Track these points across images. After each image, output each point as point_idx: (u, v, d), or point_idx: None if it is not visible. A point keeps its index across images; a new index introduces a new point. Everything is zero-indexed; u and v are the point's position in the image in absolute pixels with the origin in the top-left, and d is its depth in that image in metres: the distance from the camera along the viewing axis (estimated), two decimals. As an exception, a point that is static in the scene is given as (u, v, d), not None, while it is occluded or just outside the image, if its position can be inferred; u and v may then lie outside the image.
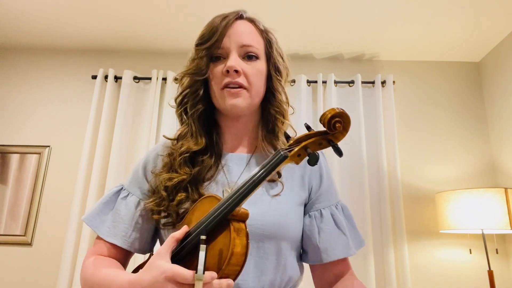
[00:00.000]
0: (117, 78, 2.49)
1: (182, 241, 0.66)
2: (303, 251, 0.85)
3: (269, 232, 0.74)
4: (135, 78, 2.49)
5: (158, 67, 2.50)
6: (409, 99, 2.55)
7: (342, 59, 2.65)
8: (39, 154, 2.41)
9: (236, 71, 0.78)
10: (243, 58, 0.81)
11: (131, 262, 0.91)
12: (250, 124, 0.87)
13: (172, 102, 0.89)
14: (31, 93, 2.55)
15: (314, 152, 0.63)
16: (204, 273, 0.55)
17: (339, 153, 0.62)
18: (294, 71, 2.50)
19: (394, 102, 2.45)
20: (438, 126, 2.49)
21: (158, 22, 2.29)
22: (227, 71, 0.78)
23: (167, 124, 2.37)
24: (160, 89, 2.45)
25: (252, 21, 0.86)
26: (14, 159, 2.40)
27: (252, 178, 0.64)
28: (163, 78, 2.48)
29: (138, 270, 0.77)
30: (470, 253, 2.15)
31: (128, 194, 0.83)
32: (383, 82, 2.50)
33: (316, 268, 0.86)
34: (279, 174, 0.82)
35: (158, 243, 0.88)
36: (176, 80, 2.44)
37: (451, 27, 2.27)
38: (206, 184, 0.80)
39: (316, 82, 2.49)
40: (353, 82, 2.50)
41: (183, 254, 0.66)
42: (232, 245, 0.60)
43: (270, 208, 0.76)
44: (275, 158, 0.64)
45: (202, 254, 0.56)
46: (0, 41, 2.55)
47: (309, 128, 0.67)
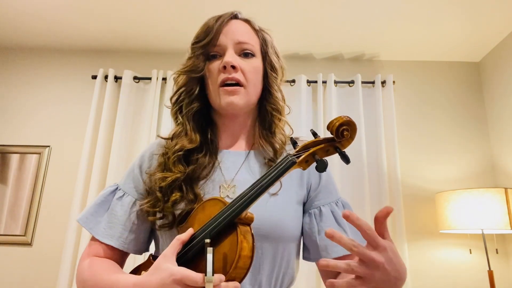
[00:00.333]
0: (117, 78, 2.49)
1: (187, 243, 0.66)
2: (305, 249, 0.85)
3: (266, 232, 0.74)
4: (135, 78, 2.49)
5: (158, 67, 2.50)
6: (409, 99, 2.55)
7: (342, 59, 2.65)
8: (39, 154, 2.41)
9: (233, 67, 0.78)
10: (239, 56, 0.81)
11: (131, 262, 0.91)
12: (247, 122, 0.87)
13: (169, 104, 0.89)
14: (31, 93, 2.55)
15: (322, 159, 0.63)
16: (213, 275, 0.55)
17: (346, 160, 0.62)
18: (294, 71, 2.53)
19: (394, 102, 2.45)
20: (438, 126, 2.49)
21: (158, 22, 2.29)
22: (224, 67, 0.78)
23: (167, 124, 2.37)
24: (160, 89, 2.45)
25: (247, 21, 0.86)
26: (14, 159, 2.40)
27: (259, 182, 0.64)
28: (163, 78, 2.48)
29: (137, 271, 0.77)
30: (470, 253, 2.15)
31: (123, 195, 0.82)
32: (383, 82, 2.50)
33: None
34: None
35: (153, 243, 0.87)
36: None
37: (451, 27, 2.27)
38: (201, 182, 0.79)
39: (316, 82, 2.49)
40: (353, 82, 2.50)
41: (189, 256, 0.65)
42: (239, 248, 0.60)
43: (268, 208, 0.76)
44: (284, 164, 0.64)
45: (209, 257, 0.57)
46: (0, 41, 2.55)
47: (315, 134, 0.67)
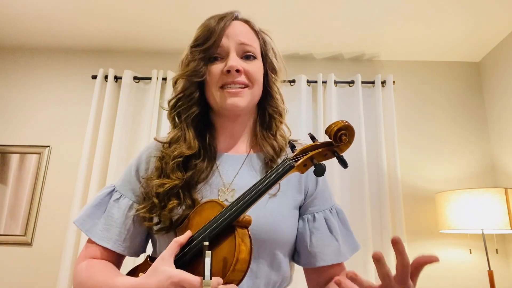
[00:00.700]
0: (117, 78, 2.49)
1: (185, 246, 0.66)
2: (296, 252, 0.84)
3: (263, 236, 0.74)
4: (135, 78, 2.49)
5: (158, 67, 2.50)
6: (409, 99, 2.55)
7: (342, 59, 2.65)
8: (39, 154, 2.41)
9: (237, 71, 0.78)
10: (242, 58, 0.81)
11: (131, 263, 0.91)
12: (247, 123, 0.87)
13: (165, 105, 0.88)
14: (31, 93, 2.55)
15: (320, 163, 0.63)
16: (211, 278, 0.55)
17: (344, 164, 0.62)
18: (294, 71, 2.53)
19: (394, 102, 2.45)
20: (438, 126, 2.49)
21: (158, 22, 2.29)
22: (228, 71, 0.77)
23: (167, 124, 2.35)
24: (160, 89, 2.45)
25: (247, 21, 0.85)
26: (14, 159, 2.40)
27: (257, 186, 0.64)
28: (163, 78, 2.47)
29: (135, 273, 0.77)
30: (470, 253, 2.15)
31: (120, 197, 0.81)
32: (383, 82, 2.50)
33: (308, 271, 0.86)
34: None
35: (150, 244, 0.87)
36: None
37: (451, 27, 2.27)
38: (200, 186, 0.78)
39: (316, 82, 2.49)
40: (353, 82, 2.50)
41: (187, 259, 0.65)
42: (237, 251, 0.60)
43: (265, 212, 0.76)
44: (282, 168, 0.64)
45: (208, 260, 0.57)
46: (0, 41, 2.55)
47: (313, 138, 0.67)
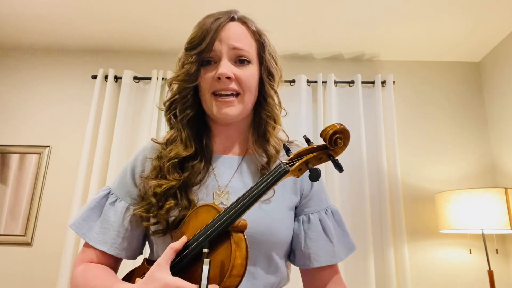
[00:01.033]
0: (117, 78, 2.49)
1: (180, 251, 0.66)
2: (292, 253, 0.84)
3: (260, 238, 0.73)
4: (135, 78, 2.49)
5: (158, 67, 2.50)
6: (409, 99, 2.55)
7: (342, 59, 2.65)
8: (39, 154, 2.41)
9: (228, 78, 0.76)
10: (235, 62, 0.79)
11: (132, 264, 0.91)
12: (241, 127, 0.86)
13: (161, 106, 0.88)
14: (31, 93, 2.55)
15: (315, 167, 0.63)
16: (207, 287, 0.55)
17: (340, 168, 0.62)
18: (294, 71, 2.53)
19: (394, 102, 2.45)
20: (438, 126, 2.49)
21: (158, 22, 2.29)
22: (219, 78, 0.76)
23: (167, 127, 2.36)
24: (160, 89, 2.45)
25: (244, 22, 0.83)
26: (14, 159, 2.40)
27: (253, 191, 0.64)
28: (163, 78, 2.47)
29: (132, 276, 0.76)
30: (470, 253, 2.15)
31: (116, 199, 0.81)
32: (383, 82, 2.50)
33: (303, 273, 0.86)
34: None
35: (147, 246, 0.87)
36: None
37: (451, 27, 2.27)
38: (195, 188, 0.78)
39: (316, 82, 2.49)
40: (353, 82, 2.50)
41: (183, 265, 0.65)
42: (233, 257, 0.60)
43: (261, 214, 0.75)
44: (277, 173, 0.63)
45: (205, 268, 0.57)
46: (0, 41, 2.55)
47: (308, 141, 0.67)
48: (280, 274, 0.78)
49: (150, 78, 2.47)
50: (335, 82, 2.49)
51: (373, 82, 2.51)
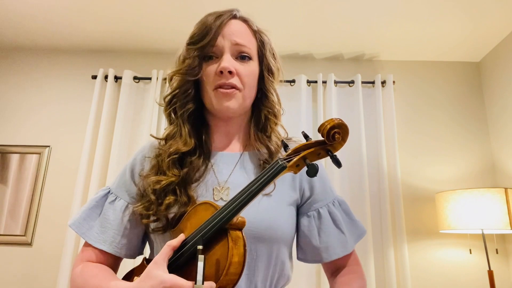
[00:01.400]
0: (117, 78, 2.49)
1: (178, 249, 0.66)
2: (302, 251, 0.85)
3: (260, 233, 0.74)
4: (135, 78, 2.49)
5: (158, 67, 2.50)
6: (409, 99, 2.55)
7: (342, 59, 2.65)
8: (39, 154, 2.41)
9: (230, 72, 0.77)
10: (236, 58, 0.80)
11: (131, 264, 0.91)
12: (241, 123, 0.87)
13: (161, 101, 0.88)
14: (31, 93, 2.55)
15: (313, 163, 0.62)
16: (203, 283, 0.55)
17: (338, 164, 0.61)
18: (294, 71, 2.53)
19: (394, 102, 2.45)
20: (438, 126, 2.49)
21: (158, 22, 2.29)
22: (221, 72, 0.77)
23: (167, 124, 2.36)
24: (160, 89, 2.45)
25: (245, 21, 0.84)
26: (14, 159, 2.40)
27: (250, 187, 0.64)
28: (163, 78, 2.47)
29: (131, 275, 0.76)
30: (470, 253, 2.15)
31: (115, 198, 0.81)
32: (383, 82, 2.50)
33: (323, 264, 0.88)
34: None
35: (147, 246, 0.87)
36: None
37: (451, 27, 2.27)
38: (194, 185, 0.78)
39: (316, 82, 2.49)
40: (353, 82, 2.50)
41: (180, 263, 0.65)
42: (230, 255, 0.60)
43: (262, 210, 0.76)
44: (274, 168, 0.63)
45: (200, 265, 0.56)
46: (0, 41, 2.55)
47: (306, 137, 0.66)
48: (279, 271, 0.78)
49: (150, 78, 2.47)
50: (335, 82, 2.49)
51: (373, 82, 2.51)
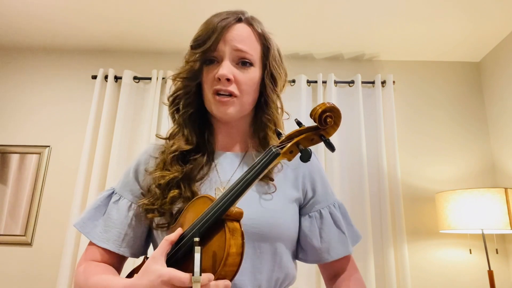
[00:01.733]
0: (117, 78, 2.49)
1: (176, 243, 0.66)
2: (302, 251, 0.85)
3: (264, 231, 0.74)
4: (135, 78, 2.49)
5: (158, 67, 2.50)
6: (409, 99, 2.55)
7: (342, 59, 2.65)
8: (39, 154, 2.41)
9: (227, 80, 0.77)
10: (237, 64, 0.79)
11: (131, 264, 0.91)
12: (242, 126, 0.87)
13: (166, 100, 0.89)
14: (31, 93, 2.55)
15: (306, 148, 0.62)
16: (200, 275, 0.55)
17: (331, 148, 0.61)
18: (294, 71, 2.53)
19: (394, 102, 2.45)
20: (438, 126, 2.49)
21: (158, 22, 2.29)
22: (219, 79, 0.77)
23: (167, 124, 2.36)
24: (160, 89, 2.45)
25: (250, 24, 0.83)
26: (14, 159, 2.40)
27: (245, 176, 0.64)
28: (163, 78, 2.47)
29: (132, 275, 0.77)
30: (470, 253, 2.15)
31: (119, 198, 0.82)
32: (383, 82, 2.50)
33: (321, 265, 0.88)
34: (271, 178, 0.81)
35: (151, 246, 0.87)
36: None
37: (451, 27, 2.27)
38: (198, 183, 0.79)
39: (316, 82, 2.49)
40: (353, 82, 2.50)
41: (179, 256, 0.65)
42: (227, 245, 0.59)
43: (265, 207, 0.76)
44: (267, 156, 0.63)
45: (197, 256, 0.56)
46: (0, 41, 2.55)
47: (299, 124, 0.66)
48: (285, 270, 0.78)
49: (150, 78, 2.47)
50: (335, 82, 2.49)
51: (373, 82, 2.51)
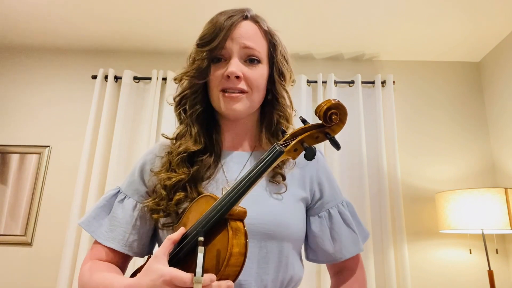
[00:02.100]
0: (117, 78, 2.49)
1: (179, 242, 0.65)
2: (312, 252, 0.85)
3: (271, 231, 0.74)
4: (135, 78, 2.49)
5: (158, 67, 2.50)
6: (409, 99, 2.55)
7: (342, 59, 2.65)
8: (39, 154, 2.41)
9: (237, 77, 0.77)
10: (245, 61, 0.79)
11: (131, 265, 0.91)
12: (249, 124, 0.87)
13: (170, 100, 0.88)
14: (31, 93, 2.55)
15: (310, 146, 0.61)
16: (202, 275, 0.54)
17: (337, 146, 0.60)
18: (294, 71, 2.49)
19: (394, 102, 2.45)
20: (438, 126, 2.49)
21: (158, 22, 2.28)
22: (228, 76, 0.77)
23: (167, 124, 2.37)
24: (160, 89, 2.45)
25: (256, 21, 0.83)
26: (14, 159, 2.40)
27: (248, 175, 0.63)
28: (163, 78, 2.47)
29: (137, 274, 0.77)
30: (470, 253, 2.15)
31: (125, 197, 0.82)
32: (383, 82, 2.50)
33: (329, 265, 0.89)
34: (283, 177, 0.80)
35: (157, 246, 0.87)
36: (175, 80, 2.43)
37: (451, 27, 2.27)
38: (205, 183, 0.79)
39: (316, 82, 2.49)
40: (353, 82, 2.50)
41: (181, 256, 0.65)
42: (230, 245, 0.58)
43: (272, 207, 0.76)
44: (271, 154, 0.62)
45: (200, 256, 0.56)
46: (0, 41, 2.55)
47: (304, 121, 0.65)
48: (291, 272, 0.77)
49: (150, 78, 2.47)
50: (335, 82, 2.49)
51: (373, 82, 2.51)
